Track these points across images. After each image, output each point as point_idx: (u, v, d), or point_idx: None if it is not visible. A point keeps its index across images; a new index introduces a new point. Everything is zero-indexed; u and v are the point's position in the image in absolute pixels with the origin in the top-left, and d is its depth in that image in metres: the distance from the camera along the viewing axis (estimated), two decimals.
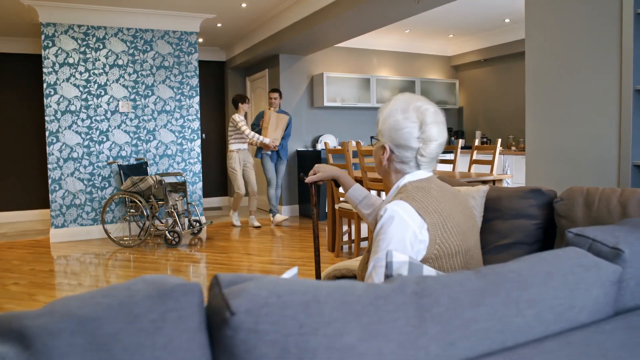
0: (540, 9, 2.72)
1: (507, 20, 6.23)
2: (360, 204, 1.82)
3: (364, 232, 4.85)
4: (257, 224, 6.03)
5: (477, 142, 6.89)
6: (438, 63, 7.82)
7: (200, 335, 0.64)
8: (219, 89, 8.09)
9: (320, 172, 1.86)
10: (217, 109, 8.06)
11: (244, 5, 5.39)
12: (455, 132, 7.77)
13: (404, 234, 1.25)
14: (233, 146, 5.83)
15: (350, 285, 0.75)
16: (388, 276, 1.12)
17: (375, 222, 1.36)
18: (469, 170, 4.83)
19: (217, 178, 8.08)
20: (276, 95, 6.02)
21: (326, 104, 6.71)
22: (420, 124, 1.34)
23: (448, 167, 5.95)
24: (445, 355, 0.73)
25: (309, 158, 6.58)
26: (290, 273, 0.91)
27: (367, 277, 1.31)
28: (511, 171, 6.17)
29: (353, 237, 5.06)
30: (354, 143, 6.45)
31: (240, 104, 6.00)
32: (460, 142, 4.93)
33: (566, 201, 1.75)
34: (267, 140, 5.74)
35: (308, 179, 1.87)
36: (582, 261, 0.90)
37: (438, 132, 1.35)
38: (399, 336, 0.69)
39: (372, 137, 1.58)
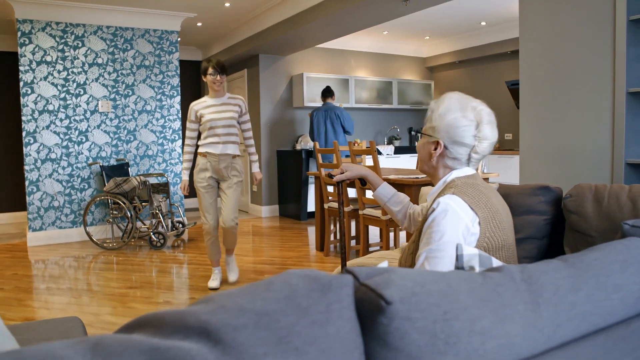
0: (534, 12, 2.86)
1: (482, 23, 6.45)
2: (389, 201, 1.88)
3: (353, 232, 4.92)
4: (234, 278, 3.71)
5: None
6: (413, 64, 8.00)
7: (356, 324, 0.68)
8: (195, 88, 7.98)
9: (348, 170, 1.91)
10: None
11: (227, 4, 5.36)
12: None
13: (456, 227, 1.32)
14: (200, 148, 3.50)
15: (467, 274, 0.81)
16: (459, 268, 1.19)
17: (423, 218, 1.42)
18: None
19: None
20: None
21: (306, 104, 6.75)
22: (477, 123, 1.42)
23: None
24: (555, 336, 0.80)
25: (288, 158, 6.60)
26: (383, 265, 0.96)
27: (417, 267, 1.37)
28: (487, 170, 6.40)
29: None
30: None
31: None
32: None
33: (575, 197, 1.85)
34: (185, 177, 3.59)
35: (336, 178, 1.92)
36: None
37: (492, 132, 1.44)
38: (521, 319, 0.76)
39: (417, 132, 1.64)
